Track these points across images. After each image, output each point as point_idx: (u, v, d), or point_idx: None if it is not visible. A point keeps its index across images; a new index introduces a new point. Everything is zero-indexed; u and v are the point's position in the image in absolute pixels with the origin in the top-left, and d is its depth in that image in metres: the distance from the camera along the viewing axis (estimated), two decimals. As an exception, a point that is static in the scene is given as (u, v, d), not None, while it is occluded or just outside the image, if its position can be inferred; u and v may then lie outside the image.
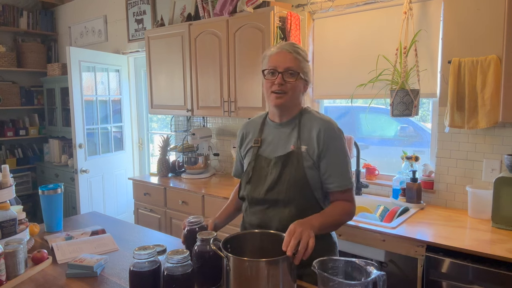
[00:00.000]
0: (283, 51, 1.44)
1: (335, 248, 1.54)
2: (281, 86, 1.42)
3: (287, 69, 1.42)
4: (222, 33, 2.98)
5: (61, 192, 1.94)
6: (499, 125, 2.17)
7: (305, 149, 1.43)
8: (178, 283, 1.16)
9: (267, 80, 1.45)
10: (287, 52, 1.43)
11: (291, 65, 1.42)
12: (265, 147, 1.51)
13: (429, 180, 2.47)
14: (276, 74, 1.42)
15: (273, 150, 1.49)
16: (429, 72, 2.43)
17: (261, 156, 1.50)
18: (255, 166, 1.50)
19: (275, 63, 1.43)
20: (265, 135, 1.54)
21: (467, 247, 1.77)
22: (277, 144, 1.49)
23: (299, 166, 1.41)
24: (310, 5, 2.84)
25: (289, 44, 1.47)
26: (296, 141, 1.45)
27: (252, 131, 1.59)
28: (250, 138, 1.58)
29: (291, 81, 1.42)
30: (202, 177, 3.37)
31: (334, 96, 2.94)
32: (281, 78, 1.41)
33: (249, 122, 1.64)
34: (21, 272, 1.41)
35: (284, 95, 1.43)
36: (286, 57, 1.43)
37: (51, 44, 5.27)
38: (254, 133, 1.58)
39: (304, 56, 1.47)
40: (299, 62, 1.44)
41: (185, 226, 1.46)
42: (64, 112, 4.73)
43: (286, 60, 1.42)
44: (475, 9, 2.18)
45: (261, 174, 1.48)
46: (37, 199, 4.80)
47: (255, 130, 1.58)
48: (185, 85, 3.33)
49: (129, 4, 4.19)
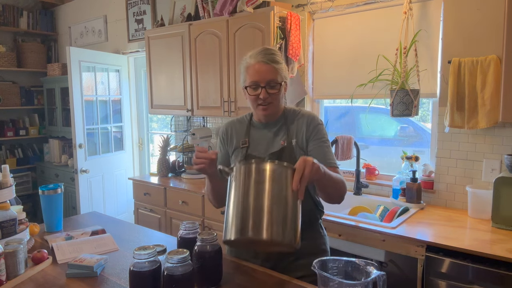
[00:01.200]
0: (260, 63, 1.43)
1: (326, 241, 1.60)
2: (266, 99, 1.44)
3: (268, 82, 1.43)
4: (222, 33, 2.98)
5: (61, 192, 1.94)
6: (499, 125, 2.17)
7: (295, 142, 1.49)
8: (178, 283, 1.16)
9: (251, 95, 1.46)
10: (264, 64, 1.42)
11: (272, 77, 1.43)
12: (254, 147, 1.54)
13: (429, 180, 2.48)
14: (259, 89, 1.44)
15: (263, 149, 1.52)
16: (429, 72, 2.43)
17: (251, 155, 1.52)
18: None
19: (256, 77, 1.43)
20: (252, 135, 1.56)
21: (467, 247, 1.77)
22: (267, 142, 1.53)
23: (291, 159, 1.43)
24: (310, 5, 2.84)
25: (264, 53, 1.45)
26: (286, 137, 1.50)
27: (236, 132, 1.60)
28: (235, 139, 1.59)
29: (275, 92, 1.45)
30: (202, 177, 3.37)
31: (334, 96, 2.94)
32: (265, 92, 1.43)
33: (232, 122, 1.65)
34: (21, 272, 1.41)
35: (270, 105, 1.47)
36: (266, 70, 1.42)
37: (51, 44, 5.27)
38: (239, 134, 1.59)
39: (279, 59, 1.47)
40: (278, 71, 1.44)
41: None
42: (64, 112, 4.73)
43: (266, 73, 1.42)
44: (475, 9, 2.18)
45: None
46: (37, 199, 4.80)
47: (240, 131, 1.59)
48: (185, 85, 3.33)
49: (129, 4, 4.19)
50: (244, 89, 1.50)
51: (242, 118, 1.64)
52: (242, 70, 1.50)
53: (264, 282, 1.36)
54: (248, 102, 1.53)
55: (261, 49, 1.47)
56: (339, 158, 2.65)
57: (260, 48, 1.49)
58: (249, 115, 1.62)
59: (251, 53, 1.48)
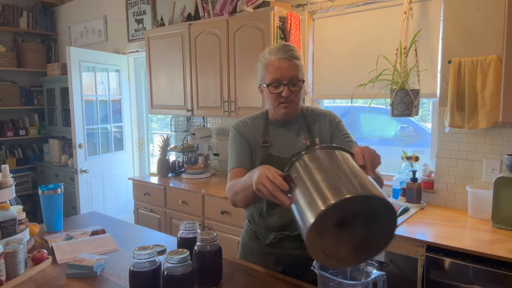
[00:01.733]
0: (282, 60, 1.38)
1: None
2: (289, 97, 1.40)
3: (291, 79, 1.39)
4: (222, 33, 2.98)
5: (61, 192, 1.94)
6: (499, 125, 2.17)
7: (318, 141, 1.47)
8: (178, 283, 1.15)
9: (272, 93, 1.41)
10: (286, 60, 1.38)
11: (294, 74, 1.39)
12: (275, 147, 1.48)
13: (429, 180, 2.47)
14: (281, 86, 1.39)
15: (285, 149, 1.46)
16: (429, 72, 2.43)
17: (274, 156, 1.46)
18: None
19: (277, 74, 1.38)
20: (271, 134, 1.50)
21: (467, 247, 1.77)
22: (288, 142, 1.48)
23: None
24: (310, 5, 2.84)
25: (284, 50, 1.40)
26: (307, 135, 1.48)
27: (254, 129, 1.52)
28: (253, 136, 1.51)
29: (297, 89, 1.41)
30: (202, 177, 3.37)
31: (334, 96, 2.94)
32: (287, 90, 1.39)
33: (245, 120, 1.56)
34: (21, 272, 1.41)
35: (292, 103, 1.42)
36: (288, 67, 1.38)
37: (51, 44, 5.27)
38: (257, 131, 1.51)
39: (299, 55, 1.43)
40: (299, 67, 1.41)
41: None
42: (64, 112, 4.73)
43: (288, 70, 1.38)
44: (475, 9, 2.18)
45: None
46: (37, 199, 4.80)
47: (257, 129, 1.52)
48: (185, 85, 3.33)
49: (129, 4, 4.19)
50: (263, 87, 1.45)
51: (256, 117, 1.57)
52: (261, 67, 1.45)
53: (264, 282, 1.36)
54: (266, 101, 1.48)
55: (280, 45, 1.42)
56: (339, 158, 2.65)
57: (278, 44, 1.43)
58: (264, 114, 1.56)
59: (270, 49, 1.43)
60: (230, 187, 1.41)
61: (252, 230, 1.56)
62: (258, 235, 1.54)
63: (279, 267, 1.47)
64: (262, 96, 1.50)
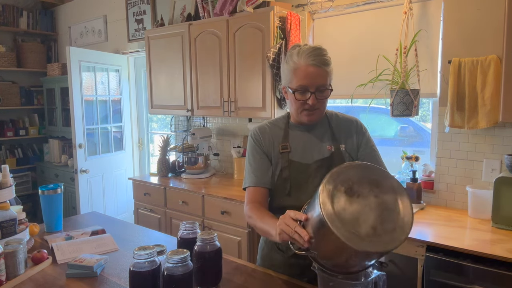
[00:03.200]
0: (312, 66, 1.30)
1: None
2: (314, 105, 1.34)
3: (318, 87, 1.32)
4: (222, 33, 2.98)
5: (61, 192, 1.94)
6: (499, 125, 2.17)
7: (343, 147, 1.42)
8: (178, 283, 1.15)
9: (298, 100, 1.34)
10: (316, 67, 1.30)
11: (323, 82, 1.32)
12: (296, 153, 1.40)
13: (429, 180, 2.47)
14: (307, 94, 1.32)
15: (307, 155, 1.40)
16: (429, 72, 2.43)
17: (295, 162, 1.39)
18: (292, 175, 1.38)
19: (305, 81, 1.31)
20: (291, 139, 1.43)
21: (467, 247, 1.77)
22: (309, 147, 1.41)
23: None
24: (310, 5, 2.84)
25: (315, 54, 1.31)
26: (332, 141, 1.42)
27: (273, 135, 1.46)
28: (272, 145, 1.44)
29: (324, 97, 1.35)
30: (202, 177, 3.37)
31: (334, 96, 2.93)
32: (314, 98, 1.32)
33: (264, 125, 1.49)
34: (21, 272, 1.41)
35: (317, 111, 1.37)
36: (317, 74, 1.30)
37: (51, 44, 5.27)
38: (276, 139, 1.44)
39: (329, 61, 1.34)
40: (328, 74, 1.33)
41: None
42: (64, 112, 4.73)
43: (317, 77, 1.31)
44: (475, 9, 2.18)
45: (300, 182, 1.37)
46: (37, 199, 4.80)
47: (276, 136, 1.45)
48: (185, 85, 3.33)
49: (129, 4, 4.19)
50: (288, 91, 1.38)
51: (276, 121, 1.50)
52: (288, 69, 1.36)
53: (264, 282, 1.36)
54: (289, 104, 1.42)
55: (311, 48, 1.33)
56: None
57: (310, 47, 1.33)
58: (285, 117, 1.50)
59: (299, 50, 1.34)
60: (249, 216, 1.37)
61: (272, 241, 1.46)
62: (279, 246, 1.45)
63: (304, 278, 1.38)
64: (286, 99, 1.43)
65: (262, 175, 1.42)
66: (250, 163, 1.45)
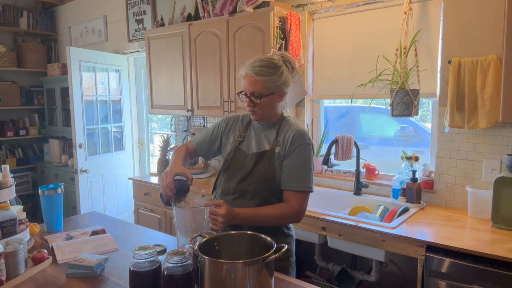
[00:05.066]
0: (248, 75, 1.54)
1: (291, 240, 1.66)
2: (252, 107, 1.57)
3: (252, 93, 1.55)
4: (222, 33, 2.98)
5: (61, 192, 1.94)
6: (499, 125, 2.17)
7: (278, 150, 1.59)
8: (178, 283, 1.16)
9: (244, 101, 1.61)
10: (250, 76, 1.53)
11: (255, 89, 1.53)
12: (245, 143, 1.67)
13: (429, 180, 2.47)
14: (246, 97, 1.57)
15: (251, 147, 1.65)
16: (429, 72, 2.43)
17: (240, 150, 1.66)
18: (234, 158, 1.65)
19: (244, 86, 1.58)
20: (248, 132, 1.70)
21: (467, 247, 1.77)
22: (256, 142, 1.65)
23: (270, 164, 1.57)
24: (310, 5, 2.84)
25: (253, 66, 1.53)
26: (273, 142, 1.61)
27: (236, 126, 1.73)
28: (232, 133, 1.72)
29: (258, 102, 1.55)
30: (202, 177, 3.37)
31: (334, 96, 2.94)
32: (249, 101, 1.57)
33: (236, 116, 1.77)
34: (21, 272, 1.41)
35: (256, 113, 1.60)
36: (250, 82, 1.54)
37: (51, 44, 5.27)
38: (237, 128, 1.72)
39: (268, 71, 1.52)
40: (263, 83, 1.52)
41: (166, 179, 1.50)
42: (64, 112, 4.74)
43: (250, 84, 1.54)
44: (475, 9, 2.18)
45: (237, 166, 1.63)
46: (37, 199, 4.81)
47: (239, 126, 1.72)
48: (185, 85, 3.33)
49: (129, 4, 4.19)
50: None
51: (245, 115, 1.75)
52: (241, 76, 1.61)
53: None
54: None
55: (254, 60, 1.57)
56: (339, 158, 2.65)
57: (254, 58, 1.57)
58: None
59: (248, 61, 1.58)
60: (177, 150, 1.78)
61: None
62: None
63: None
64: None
65: (203, 142, 1.79)
66: (207, 131, 1.79)
